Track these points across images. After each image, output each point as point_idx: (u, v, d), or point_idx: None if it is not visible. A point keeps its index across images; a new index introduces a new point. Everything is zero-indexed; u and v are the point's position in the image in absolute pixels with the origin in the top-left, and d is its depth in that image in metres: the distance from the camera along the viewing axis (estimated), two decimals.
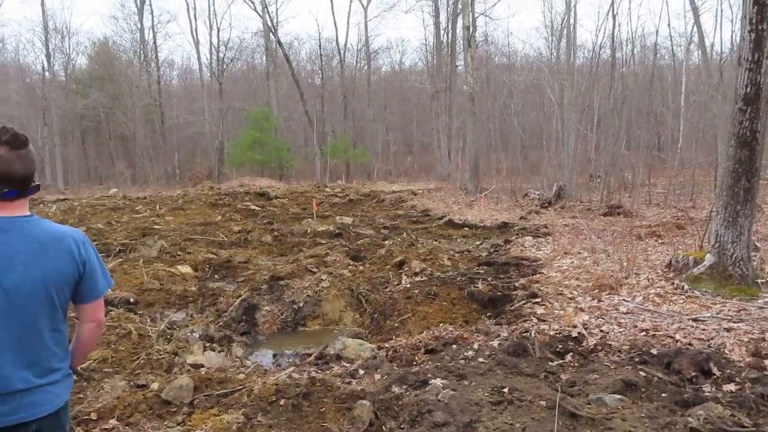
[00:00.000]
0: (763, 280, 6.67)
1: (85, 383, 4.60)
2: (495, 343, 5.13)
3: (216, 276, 9.45)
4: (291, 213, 17.28)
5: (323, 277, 8.07)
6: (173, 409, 4.14)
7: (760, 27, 6.56)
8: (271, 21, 38.44)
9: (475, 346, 5.08)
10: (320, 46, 44.50)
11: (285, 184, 28.47)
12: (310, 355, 5.87)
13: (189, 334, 6.27)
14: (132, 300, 7.27)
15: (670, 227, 10.97)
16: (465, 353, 4.92)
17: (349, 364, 5.25)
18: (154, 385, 4.49)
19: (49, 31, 37.76)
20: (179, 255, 10.34)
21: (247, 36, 64.96)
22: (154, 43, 41.63)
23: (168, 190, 27.45)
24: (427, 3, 44.69)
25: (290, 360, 6.01)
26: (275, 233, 13.05)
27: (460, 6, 28.92)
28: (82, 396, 4.37)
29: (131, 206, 18.28)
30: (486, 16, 35.75)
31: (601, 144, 18.24)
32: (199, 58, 45.64)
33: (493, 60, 40.97)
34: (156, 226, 13.85)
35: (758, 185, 7.08)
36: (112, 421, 3.92)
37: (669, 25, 55.88)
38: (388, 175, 36.92)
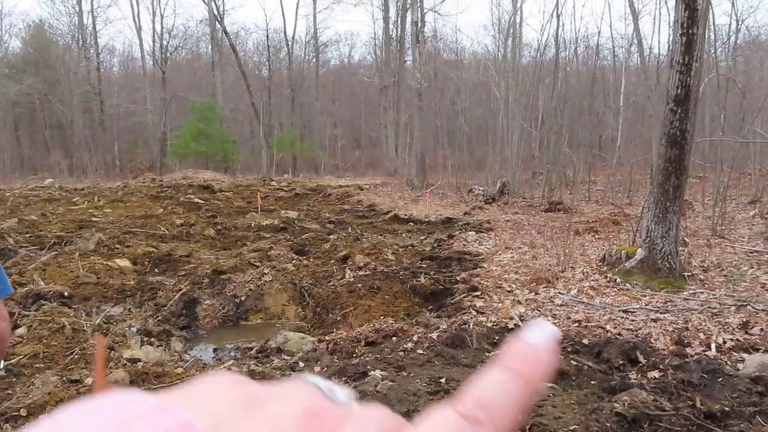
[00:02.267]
0: (689, 273, 7.02)
1: (14, 379, 4.45)
2: (434, 335, 5.23)
3: (156, 270, 9.25)
4: (235, 206, 17.03)
5: (266, 271, 8.02)
6: None
7: (690, 31, 6.86)
8: (217, 9, 37.70)
9: (415, 338, 5.17)
10: (268, 37, 43.87)
11: (230, 177, 28.03)
12: (251, 348, 5.84)
13: (126, 328, 6.14)
14: (66, 294, 7.04)
15: (606, 223, 11.35)
16: (405, 345, 5.00)
17: (289, 357, 5.26)
18: (88, 380, 4.38)
19: None
20: (117, 248, 10.06)
21: (192, 24, 63.55)
22: (94, 28, 40.16)
23: (107, 181, 26.60)
24: None
25: (231, 354, 5.97)
26: (218, 227, 12.86)
27: (409, 1, 29.07)
28: (11, 392, 4.23)
29: (68, 198, 17.62)
30: (435, 12, 35.97)
31: (544, 142, 18.68)
32: (141, 46, 44.19)
33: (441, 56, 41.36)
34: (94, 219, 13.42)
35: (687, 183, 7.42)
36: (43, 417, 3.81)
37: (611, 26, 57.67)
38: (335, 170, 36.81)
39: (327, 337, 5.72)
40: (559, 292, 6.47)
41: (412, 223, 13.86)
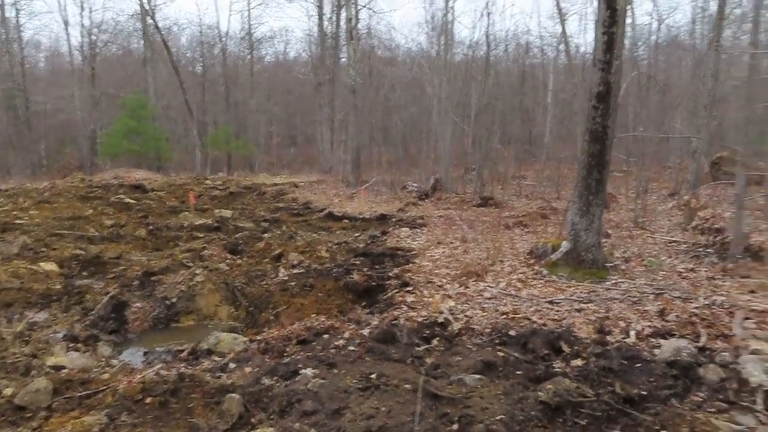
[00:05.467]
0: (612, 264, 7.30)
1: None
2: (366, 332, 5.24)
3: (84, 273, 8.87)
4: (168, 206, 16.53)
5: (198, 272, 7.84)
6: (28, 415, 3.90)
7: (611, 30, 7.11)
8: (149, 3, 36.44)
9: (346, 335, 5.16)
10: (201, 32, 42.83)
11: (163, 176, 27.17)
12: (182, 351, 5.70)
13: (51, 334, 5.90)
14: None
15: (535, 217, 11.68)
16: (336, 342, 4.99)
17: (220, 359, 5.16)
18: (8, 391, 4.16)
19: None
20: (43, 251, 9.60)
21: (122, 18, 61.02)
22: (17, 21, 38.07)
23: (33, 181, 25.25)
24: None
25: (161, 357, 5.79)
26: (150, 227, 12.45)
27: None
28: None
29: None
30: (369, 9, 35.97)
31: (476, 138, 19.02)
32: (68, 41, 42.24)
33: (376, 53, 41.39)
34: (18, 221, 12.73)
35: (609, 177, 7.71)
36: None
37: (540, 25, 59.08)
38: (270, 168, 36.28)
39: (258, 337, 5.64)
40: (489, 286, 6.60)
41: (346, 220, 13.84)
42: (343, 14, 28.70)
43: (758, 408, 3.86)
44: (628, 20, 20.28)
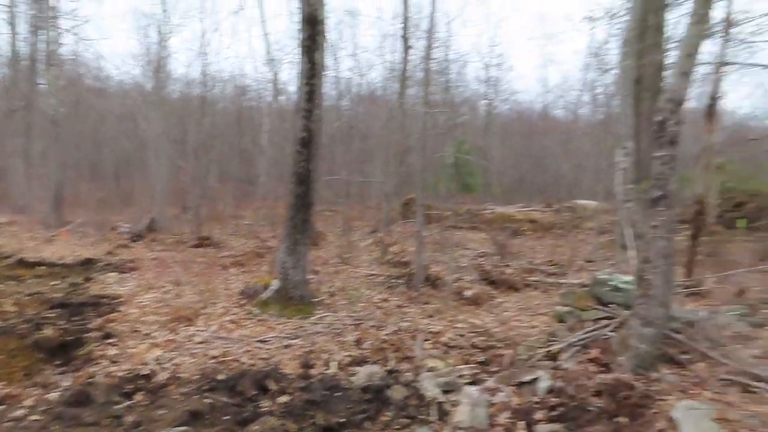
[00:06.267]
0: (319, 299, 7.76)
1: None
2: (54, 396, 4.71)
3: None
4: None
5: None
6: None
7: (312, 81, 7.68)
8: None
9: (29, 402, 4.57)
10: None
11: None
12: None
13: None
14: None
15: (252, 256, 11.81)
16: (14, 413, 4.37)
17: None
18: None
19: None
20: None
21: None
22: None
23: None
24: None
25: None
26: None
27: (41, 16, 26.02)
28: None
29: None
30: (74, 34, 32.85)
31: (194, 176, 18.59)
32: None
33: (83, 82, 37.89)
34: None
35: (315, 216, 8.23)
36: None
37: (256, 69, 60.50)
38: None
39: None
40: (199, 330, 6.47)
41: (43, 267, 12.26)
42: (43, 36, 25.73)
43: (432, 419, 4.46)
44: (334, 73, 22.08)
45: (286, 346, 5.99)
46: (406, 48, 14.80)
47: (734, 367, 4.15)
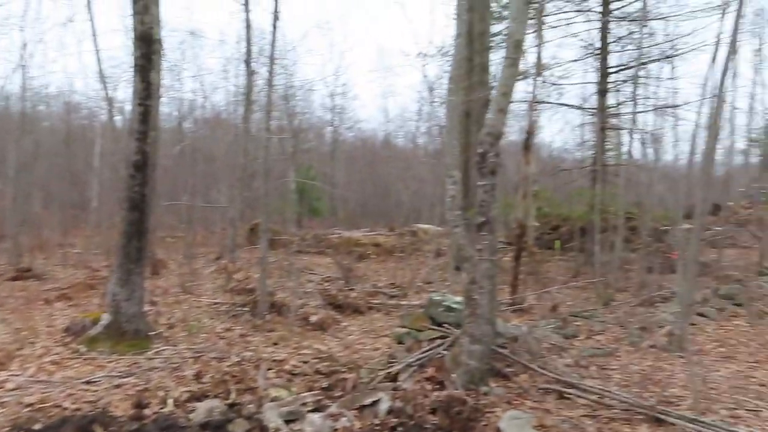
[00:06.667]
0: (156, 332, 7.32)
1: None
2: None
3: None
4: None
5: None
6: None
7: (147, 102, 7.31)
8: None
9: None
10: None
11: None
12: None
13: None
14: None
15: (81, 289, 10.89)
16: None
17: None
18: None
19: None
20: None
21: None
22: None
23: None
24: None
25: None
26: None
27: None
28: None
29: None
30: None
31: (13, 200, 16.79)
32: None
33: None
34: None
35: (149, 244, 7.78)
36: None
37: (87, 86, 56.24)
38: None
39: None
40: (13, 374, 5.81)
41: None
42: None
43: None
44: (175, 94, 21.26)
45: (117, 386, 5.56)
46: (250, 73, 14.64)
47: (551, 376, 4.54)
